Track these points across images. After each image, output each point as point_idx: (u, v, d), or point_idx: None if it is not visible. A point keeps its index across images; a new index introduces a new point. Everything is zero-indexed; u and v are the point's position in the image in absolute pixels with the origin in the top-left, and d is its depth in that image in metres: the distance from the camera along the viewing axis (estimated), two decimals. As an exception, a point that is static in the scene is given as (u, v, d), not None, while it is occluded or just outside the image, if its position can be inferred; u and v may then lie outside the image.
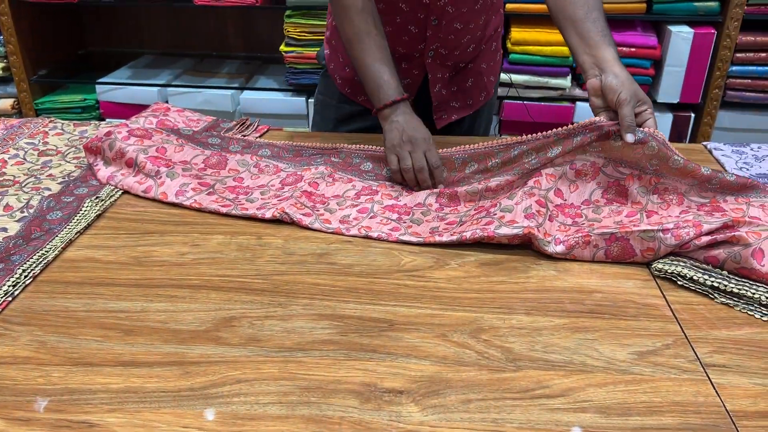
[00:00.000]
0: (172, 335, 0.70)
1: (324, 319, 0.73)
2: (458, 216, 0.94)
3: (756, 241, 0.77)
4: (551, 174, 0.93)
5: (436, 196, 0.98)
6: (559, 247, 0.84)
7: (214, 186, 1.00)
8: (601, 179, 0.93)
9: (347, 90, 1.27)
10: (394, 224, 0.92)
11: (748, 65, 2.15)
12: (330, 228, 0.91)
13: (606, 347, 0.69)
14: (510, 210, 0.88)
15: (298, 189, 0.98)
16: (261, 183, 1.03)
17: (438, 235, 0.88)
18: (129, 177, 1.01)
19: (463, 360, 0.67)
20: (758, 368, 0.66)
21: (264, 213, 0.93)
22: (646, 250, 0.82)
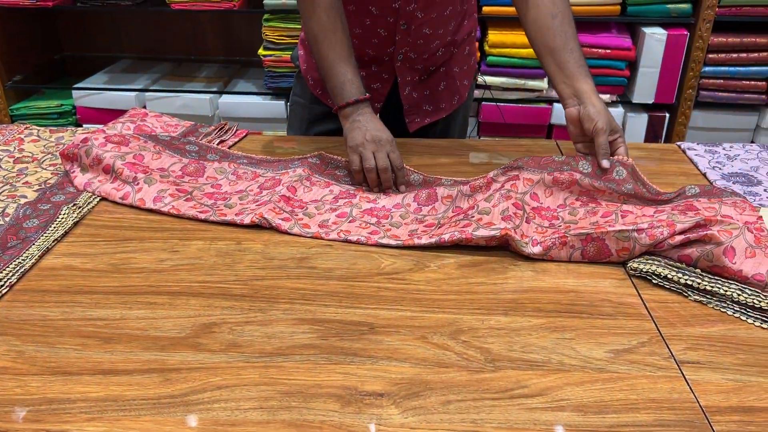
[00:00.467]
0: (151, 342, 0.70)
1: (304, 323, 0.73)
2: (436, 218, 0.95)
3: (727, 239, 0.78)
4: (528, 178, 0.94)
5: (414, 197, 0.99)
6: (536, 248, 0.85)
7: (192, 192, 1.00)
8: (576, 188, 0.95)
9: (318, 92, 1.28)
10: (373, 228, 0.93)
11: (720, 66, 2.19)
12: (309, 233, 0.91)
13: (583, 346, 0.70)
14: (487, 212, 0.89)
15: (276, 193, 0.98)
16: (239, 188, 1.03)
17: (417, 238, 0.89)
18: (106, 183, 1.01)
19: (442, 361, 0.68)
20: (730, 364, 0.67)
21: (242, 219, 0.93)
22: (622, 250, 0.84)
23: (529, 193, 0.94)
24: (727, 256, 0.77)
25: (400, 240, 0.89)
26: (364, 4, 1.12)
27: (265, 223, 0.92)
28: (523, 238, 0.86)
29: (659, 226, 0.82)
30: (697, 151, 1.24)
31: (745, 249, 0.78)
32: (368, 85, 1.23)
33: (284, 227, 0.91)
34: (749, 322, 0.74)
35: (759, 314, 0.74)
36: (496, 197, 0.91)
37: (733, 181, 1.12)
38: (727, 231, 0.79)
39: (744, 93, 2.22)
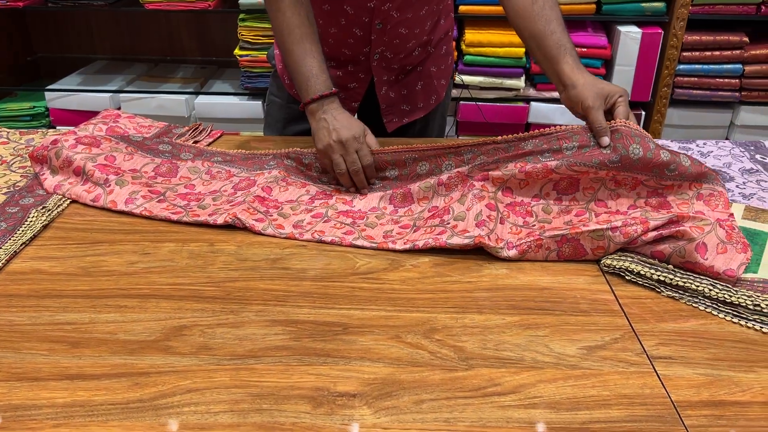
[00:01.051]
0: (120, 346, 0.69)
1: (277, 324, 0.73)
2: (412, 219, 0.94)
3: (699, 235, 0.79)
4: (499, 177, 0.94)
5: (389, 198, 0.98)
6: (511, 252, 0.85)
7: (165, 194, 0.99)
8: (553, 177, 0.94)
9: (294, 91, 1.27)
10: (347, 228, 0.92)
11: (694, 64, 2.21)
12: (283, 233, 0.90)
13: (556, 343, 0.70)
14: (462, 218, 0.89)
15: (251, 194, 0.97)
16: (213, 189, 1.01)
17: (392, 242, 0.88)
18: (77, 186, 0.99)
19: (416, 361, 0.67)
20: (702, 359, 0.68)
21: (216, 219, 0.92)
22: (597, 248, 0.84)
23: (502, 189, 0.94)
24: (699, 252, 0.78)
25: (374, 242, 0.88)
26: (339, 4, 1.11)
27: (239, 223, 0.91)
28: (498, 242, 0.85)
29: (633, 224, 0.82)
30: (671, 148, 1.25)
31: (717, 245, 0.79)
32: (345, 85, 1.23)
33: (258, 228, 0.90)
34: (721, 317, 0.74)
35: (730, 309, 0.75)
36: (469, 198, 0.91)
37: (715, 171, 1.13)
38: (698, 227, 0.80)
39: (718, 90, 2.25)
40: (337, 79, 1.22)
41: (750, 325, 0.73)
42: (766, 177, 1.12)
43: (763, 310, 0.73)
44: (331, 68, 1.20)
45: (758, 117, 2.27)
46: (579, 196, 0.93)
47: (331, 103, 1.02)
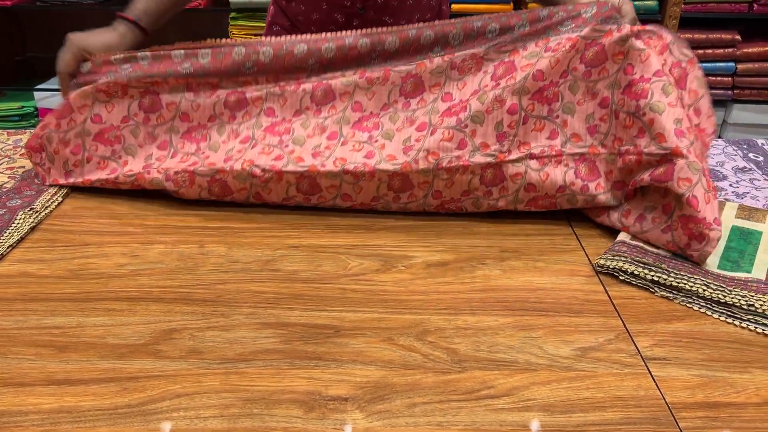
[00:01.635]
0: (109, 350, 0.68)
1: (268, 327, 0.72)
2: (427, 112, 0.91)
3: (687, 189, 0.80)
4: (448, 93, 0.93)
5: (399, 88, 0.94)
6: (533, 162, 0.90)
7: (173, 142, 0.98)
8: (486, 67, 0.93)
9: None
10: (366, 148, 0.91)
11: (687, 62, 2.21)
12: (305, 166, 0.91)
13: (550, 345, 0.69)
14: (389, 136, 0.92)
15: (257, 125, 0.96)
16: (208, 114, 0.98)
17: (414, 162, 0.88)
18: (86, 166, 0.99)
19: (408, 363, 0.67)
20: (696, 359, 0.67)
21: (232, 165, 0.93)
22: (608, 173, 0.90)
23: (441, 96, 0.93)
24: (692, 206, 0.79)
25: (397, 163, 0.89)
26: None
27: (257, 171, 0.91)
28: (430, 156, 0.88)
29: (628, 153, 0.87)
30: (664, 147, 1.25)
31: (704, 195, 0.80)
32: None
33: (278, 167, 0.91)
34: (715, 317, 0.74)
35: (724, 309, 0.74)
36: (402, 119, 0.92)
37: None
38: (686, 179, 0.80)
39: (710, 89, 2.24)
40: None
41: (744, 326, 0.72)
42: (758, 176, 1.12)
43: (757, 310, 0.72)
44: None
45: (750, 115, 2.28)
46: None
47: (119, 24, 1.06)
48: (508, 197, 0.92)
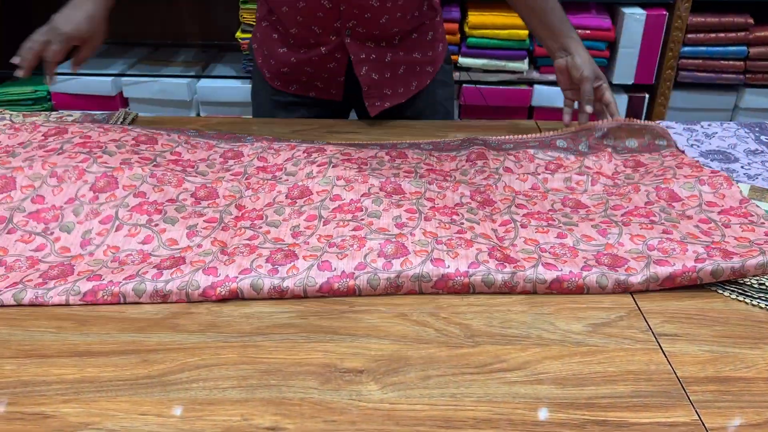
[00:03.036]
0: (128, 324, 0.69)
1: (284, 303, 0.73)
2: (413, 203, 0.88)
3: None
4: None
5: (379, 187, 0.91)
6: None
7: (117, 213, 0.84)
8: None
9: (277, 83, 1.28)
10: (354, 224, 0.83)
11: (699, 46, 2.20)
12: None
13: (562, 321, 0.70)
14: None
15: (250, 165, 0.98)
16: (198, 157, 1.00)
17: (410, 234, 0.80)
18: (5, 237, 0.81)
19: (422, 338, 0.68)
20: (707, 335, 0.68)
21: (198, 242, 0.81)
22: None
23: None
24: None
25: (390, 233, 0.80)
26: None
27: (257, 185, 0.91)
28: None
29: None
30: (676, 129, 1.25)
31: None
32: (325, 67, 1.21)
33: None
34: (726, 295, 0.75)
35: (736, 287, 0.75)
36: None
37: (711, 158, 1.13)
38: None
39: (722, 73, 2.23)
40: (314, 65, 1.21)
41: (755, 303, 0.73)
42: (771, 157, 1.12)
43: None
44: (305, 53, 1.20)
45: (763, 100, 2.26)
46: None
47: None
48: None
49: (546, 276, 0.74)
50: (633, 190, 0.92)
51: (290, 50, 1.22)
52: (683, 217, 0.86)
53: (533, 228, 0.83)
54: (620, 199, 0.91)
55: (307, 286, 0.73)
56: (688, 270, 0.73)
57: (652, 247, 0.78)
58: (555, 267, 0.74)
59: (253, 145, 1.05)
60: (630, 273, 0.74)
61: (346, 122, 1.29)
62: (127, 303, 0.72)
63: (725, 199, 0.89)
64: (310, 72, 1.24)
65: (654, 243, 0.79)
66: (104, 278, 0.74)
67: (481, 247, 0.77)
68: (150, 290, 0.72)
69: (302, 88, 1.27)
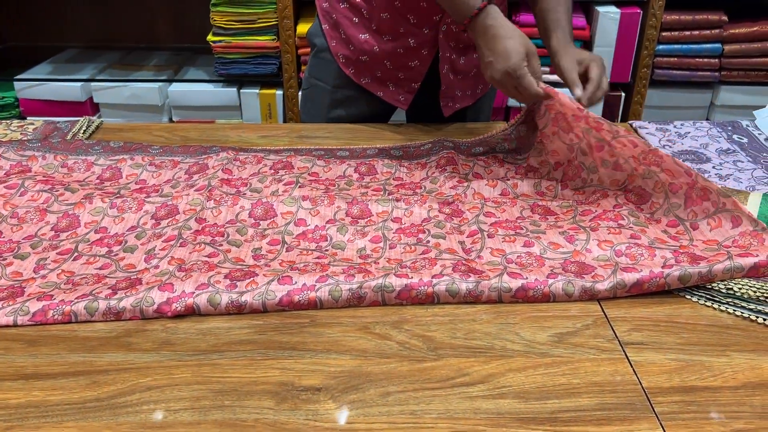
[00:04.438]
0: (79, 344, 0.67)
1: (242, 318, 0.71)
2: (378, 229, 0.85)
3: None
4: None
5: (345, 211, 0.89)
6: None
7: (78, 247, 0.82)
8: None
9: (351, 70, 1.22)
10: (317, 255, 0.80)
11: (673, 44, 2.19)
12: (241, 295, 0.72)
13: (527, 331, 0.69)
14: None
15: (214, 177, 0.95)
16: (164, 179, 0.98)
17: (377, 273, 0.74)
18: None
19: (384, 352, 0.66)
20: (673, 343, 0.67)
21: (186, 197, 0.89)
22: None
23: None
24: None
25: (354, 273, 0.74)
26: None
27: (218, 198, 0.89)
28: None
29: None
30: (649, 130, 1.24)
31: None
32: (405, 63, 1.19)
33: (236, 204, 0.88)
34: (694, 300, 0.73)
35: (703, 292, 0.74)
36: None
37: (683, 158, 1.12)
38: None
39: (697, 71, 2.23)
40: (397, 57, 1.18)
41: (723, 309, 0.72)
42: (743, 157, 1.11)
43: (735, 293, 0.72)
44: (390, 42, 1.16)
45: (738, 97, 2.26)
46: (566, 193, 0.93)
47: (485, 19, 0.97)
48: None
49: (511, 284, 0.72)
50: (602, 196, 0.91)
51: (373, 37, 1.17)
52: (651, 220, 0.84)
53: (500, 237, 0.82)
54: (589, 206, 0.89)
55: (266, 300, 0.71)
56: (656, 276, 0.72)
57: (620, 252, 0.77)
58: (520, 275, 0.73)
59: (218, 155, 1.03)
60: (597, 280, 0.73)
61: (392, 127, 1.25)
62: (78, 322, 0.70)
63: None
64: (389, 67, 1.19)
65: (622, 248, 0.78)
66: (55, 298, 0.71)
67: (445, 263, 0.75)
68: (103, 308, 0.70)
69: (374, 83, 1.22)
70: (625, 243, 0.79)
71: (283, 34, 2.10)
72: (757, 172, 1.05)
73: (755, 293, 0.71)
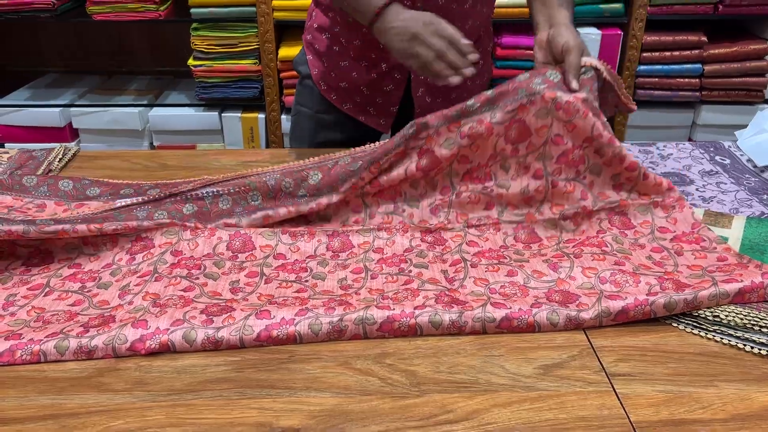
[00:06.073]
0: (48, 385, 0.64)
1: (220, 355, 0.68)
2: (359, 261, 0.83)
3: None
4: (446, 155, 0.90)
5: (326, 245, 0.86)
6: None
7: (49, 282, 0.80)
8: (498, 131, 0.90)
9: (333, 97, 1.23)
10: (298, 286, 0.78)
11: (654, 64, 2.21)
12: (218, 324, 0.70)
13: (512, 363, 0.67)
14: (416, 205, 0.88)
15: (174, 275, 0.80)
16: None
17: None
18: None
19: (365, 389, 0.64)
20: (661, 374, 0.65)
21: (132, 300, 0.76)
22: (551, 237, 0.86)
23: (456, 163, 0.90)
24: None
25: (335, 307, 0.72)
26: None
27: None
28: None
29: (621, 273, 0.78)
30: (631, 151, 1.24)
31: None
32: (380, 88, 1.19)
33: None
34: (681, 328, 0.72)
35: (690, 320, 0.72)
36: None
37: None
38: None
39: (679, 91, 2.25)
40: (373, 82, 1.18)
41: (710, 337, 0.71)
42: (725, 179, 1.11)
43: (722, 321, 0.71)
44: (365, 68, 1.17)
45: (719, 116, 2.28)
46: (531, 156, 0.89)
47: (389, 10, 0.94)
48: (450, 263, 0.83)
49: (495, 315, 0.71)
50: (586, 214, 0.89)
51: (351, 64, 1.18)
52: (635, 246, 0.84)
53: (483, 267, 0.80)
54: (572, 233, 0.88)
55: (244, 335, 0.69)
56: (641, 303, 0.71)
57: (605, 279, 0.76)
58: (504, 305, 0.71)
59: (162, 230, 0.88)
60: (581, 309, 0.72)
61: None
62: (48, 362, 0.67)
63: (677, 224, 0.87)
64: (366, 93, 1.20)
65: (606, 275, 0.77)
66: (24, 337, 0.68)
67: (428, 294, 0.74)
68: (74, 347, 0.67)
69: (355, 109, 1.23)
70: (609, 270, 0.77)
71: (265, 58, 2.09)
72: (740, 194, 1.05)
73: (742, 320, 0.70)
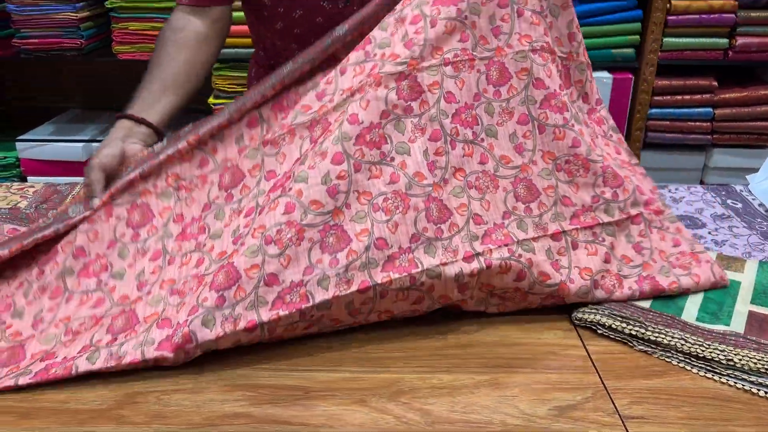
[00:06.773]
0: (71, 417, 0.65)
1: (237, 389, 0.69)
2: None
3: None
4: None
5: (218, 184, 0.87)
6: None
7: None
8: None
9: None
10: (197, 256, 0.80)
11: (665, 107, 2.24)
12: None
13: (526, 404, 0.67)
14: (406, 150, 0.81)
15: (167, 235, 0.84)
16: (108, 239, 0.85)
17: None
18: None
19: (380, 427, 0.64)
20: (675, 417, 0.66)
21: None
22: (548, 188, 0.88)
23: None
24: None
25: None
26: (310, 14, 1.10)
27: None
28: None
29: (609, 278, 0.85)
30: (643, 195, 1.25)
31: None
32: None
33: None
34: (694, 372, 0.73)
35: (703, 363, 0.73)
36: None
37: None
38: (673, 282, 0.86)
39: (690, 134, 2.27)
40: None
41: (724, 381, 0.71)
42: (737, 223, 1.12)
43: (735, 365, 0.71)
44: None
45: (731, 159, 2.29)
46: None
47: (122, 124, 0.98)
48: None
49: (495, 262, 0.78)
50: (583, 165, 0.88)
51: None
52: (624, 214, 0.89)
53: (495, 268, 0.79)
54: (569, 186, 0.88)
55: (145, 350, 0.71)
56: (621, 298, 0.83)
57: (597, 284, 0.83)
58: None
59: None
60: None
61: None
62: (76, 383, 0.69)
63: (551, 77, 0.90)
64: None
65: (598, 279, 0.83)
66: (58, 356, 0.72)
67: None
68: (104, 355, 0.71)
69: None
70: (600, 271, 0.84)
71: (283, 97, 2.14)
72: (752, 238, 1.06)
73: (755, 365, 0.71)
